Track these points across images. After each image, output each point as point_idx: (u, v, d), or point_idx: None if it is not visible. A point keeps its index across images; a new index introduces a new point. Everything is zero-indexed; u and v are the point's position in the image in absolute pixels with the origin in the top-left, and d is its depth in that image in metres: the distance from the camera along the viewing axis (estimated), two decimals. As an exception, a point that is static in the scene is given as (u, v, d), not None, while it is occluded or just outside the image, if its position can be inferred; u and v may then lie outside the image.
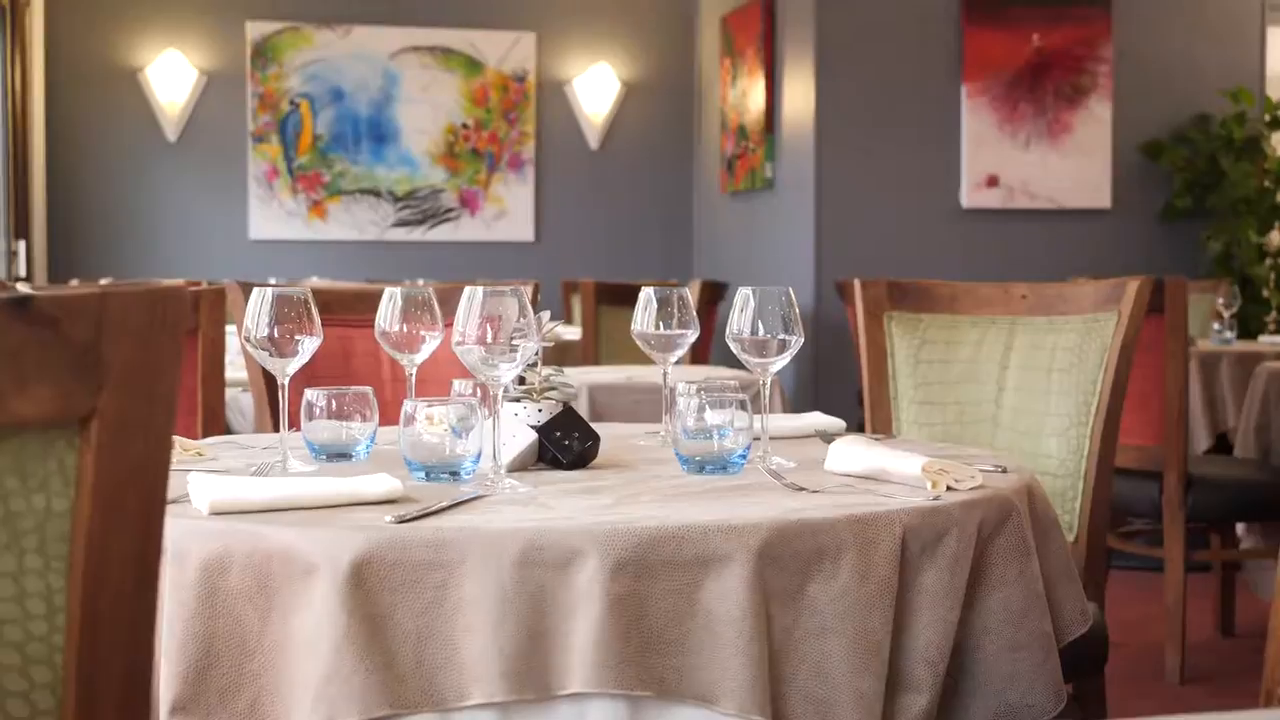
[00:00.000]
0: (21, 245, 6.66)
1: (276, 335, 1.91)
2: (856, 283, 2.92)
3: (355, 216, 7.70)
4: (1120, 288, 2.66)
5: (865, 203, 6.66)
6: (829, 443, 1.93)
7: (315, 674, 1.42)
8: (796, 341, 1.95)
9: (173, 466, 1.94)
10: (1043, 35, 6.72)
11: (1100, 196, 6.82)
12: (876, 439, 2.29)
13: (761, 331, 1.94)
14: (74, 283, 6.42)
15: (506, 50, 7.85)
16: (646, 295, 2.21)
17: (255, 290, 1.92)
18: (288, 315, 1.91)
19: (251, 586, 1.48)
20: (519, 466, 1.89)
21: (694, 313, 2.21)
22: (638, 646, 1.44)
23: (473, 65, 7.81)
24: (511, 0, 7.86)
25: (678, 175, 8.15)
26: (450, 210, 7.81)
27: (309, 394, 2.00)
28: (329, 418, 2.01)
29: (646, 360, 2.28)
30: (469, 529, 1.47)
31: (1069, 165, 6.80)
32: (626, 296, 5.71)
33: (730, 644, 1.46)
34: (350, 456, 1.99)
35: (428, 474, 1.78)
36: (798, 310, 1.96)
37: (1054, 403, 2.70)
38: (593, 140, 7.97)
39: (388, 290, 2.13)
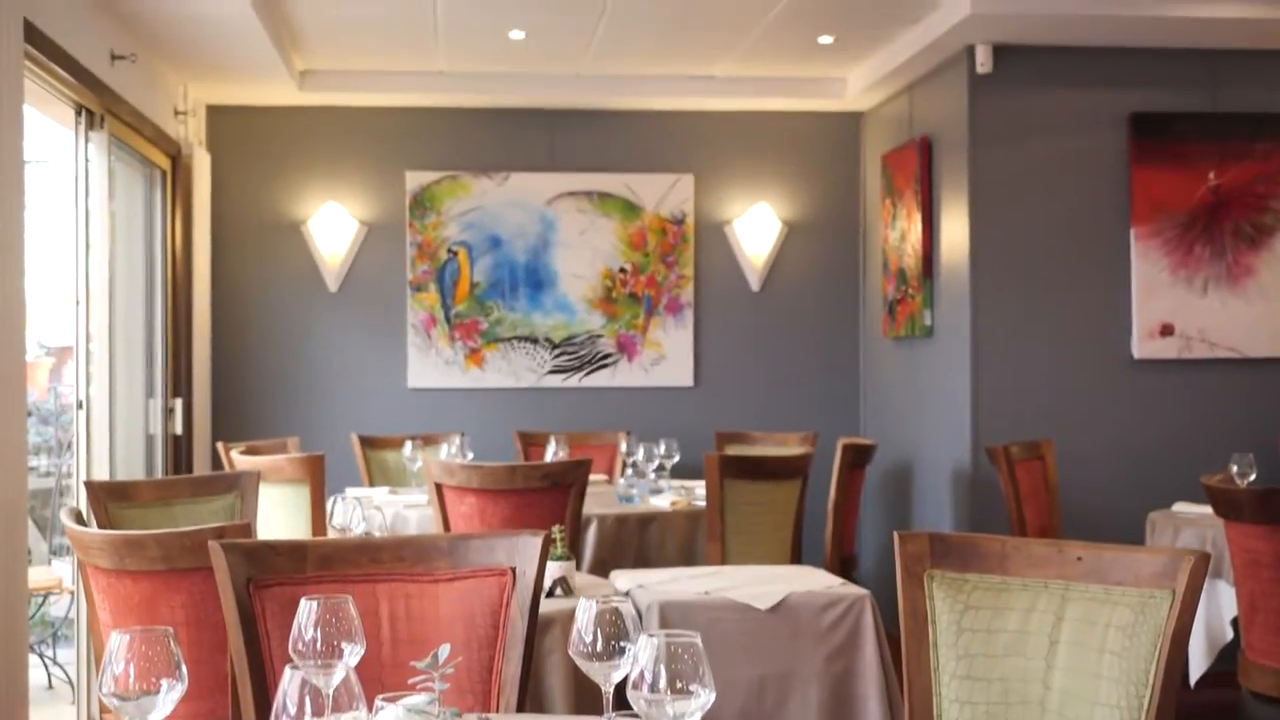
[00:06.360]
0: (179, 403, 6.77)
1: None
2: (896, 536, 2.64)
3: (512, 364, 7.63)
4: (1176, 562, 2.32)
5: (1026, 353, 6.28)
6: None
7: None
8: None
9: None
10: (1220, 173, 6.27)
11: (1288, 344, 6.30)
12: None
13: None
14: (218, 445, 6.42)
15: (664, 193, 7.72)
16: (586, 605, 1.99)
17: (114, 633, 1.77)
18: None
19: None
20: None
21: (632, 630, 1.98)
22: None
23: (630, 209, 7.70)
24: (669, 143, 7.74)
25: (842, 317, 7.86)
26: (608, 356, 7.68)
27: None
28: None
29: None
30: None
31: (1253, 311, 6.31)
32: (754, 469, 5.45)
33: None
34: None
35: None
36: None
37: (1104, 690, 2.36)
38: (754, 281, 7.76)
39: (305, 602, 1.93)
